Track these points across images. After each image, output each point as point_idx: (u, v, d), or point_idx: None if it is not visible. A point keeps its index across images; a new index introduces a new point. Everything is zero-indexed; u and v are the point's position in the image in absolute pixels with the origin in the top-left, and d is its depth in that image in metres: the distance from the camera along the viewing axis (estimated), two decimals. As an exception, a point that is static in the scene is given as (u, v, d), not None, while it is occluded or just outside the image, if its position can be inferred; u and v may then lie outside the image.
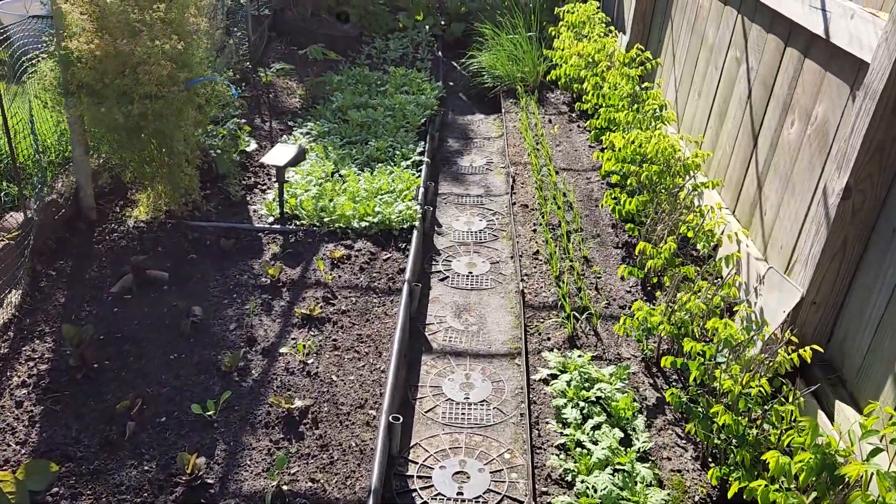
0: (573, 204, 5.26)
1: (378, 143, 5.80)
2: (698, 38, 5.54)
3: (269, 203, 4.92)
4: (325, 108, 6.49)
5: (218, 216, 4.85)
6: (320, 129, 6.03)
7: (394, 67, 7.56)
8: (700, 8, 5.54)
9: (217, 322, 3.83)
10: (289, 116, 6.51)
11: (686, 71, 5.73)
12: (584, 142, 6.38)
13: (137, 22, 3.91)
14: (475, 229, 5.22)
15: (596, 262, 4.57)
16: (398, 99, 6.63)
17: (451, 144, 6.73)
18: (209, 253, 4.43)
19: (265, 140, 5.95)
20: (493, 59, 7.67)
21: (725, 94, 4.90)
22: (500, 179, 6.00)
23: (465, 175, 6.11)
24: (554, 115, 7.03)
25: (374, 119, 6.26)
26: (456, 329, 4.14)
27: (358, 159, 5.62)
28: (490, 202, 5.62)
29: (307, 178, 5.14)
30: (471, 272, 4.69)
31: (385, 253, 4.59)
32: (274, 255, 4.47)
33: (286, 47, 8.24)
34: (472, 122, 7.29)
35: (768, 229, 4.10)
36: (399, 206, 4.82)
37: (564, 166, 5.91)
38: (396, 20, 9.36)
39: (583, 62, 6.75)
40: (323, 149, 5.67)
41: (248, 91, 6.81)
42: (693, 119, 5.46)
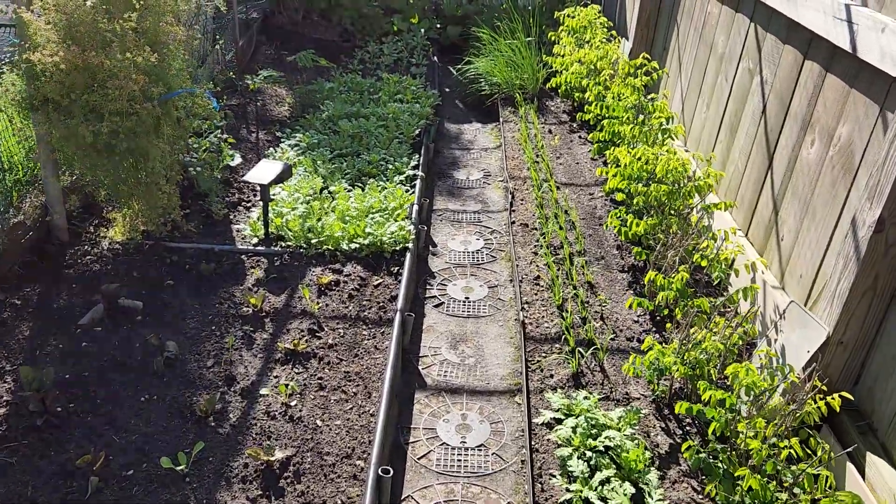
0: (575, 223, 4.98)
1: (370, 157, 5.51)
2: (707, 47, 5.27)
3: (254, 222, 4.63)
4: (314, 118, 6.20)
5: (199, 236, 4.56)
6: (309, 141, 5.74)
7: (387, 74, 7.27)
8: (709, 15, 5.27)
9: (193, 358, 3.54)
10: (277, 126, 6.22)
11: (694, 80, 5.45)
12: (585, 154, 6.10)
13: (108, 32, 3.62)
14: (472, 249, 4.94)
15: (601, 287, 4.29)
16: (391, 108, 6.34)
17: (447, 156, 6.45)
18: (188, 279, 4.14)
19: (251, 152, 5.66)
20: (491, 65, 7.39)
21: (737, 107, 4.63)
22: (498, 194, 5.72)
23: (462, 189, 5.82)
24: (554, 124, 6.75)
25: (367, 130, 5.97)
26: (451, 362, 3.86)
27: (349, 174, 5.33)
28: (488, 219, 5.33)
29: (294, 196, 4.85)
30: (467, 297, 4.41)
31: (376, 278, 4.30)
32: (257, 280, 4.18)
33: (276, 52, 7.94)
34: (468, 132, 7.00)
35: (786, 255, 3.83)
36: (391, 227, 4.54)
37: (566, 180, 5.64)
38: (391, 23, 9.08)
39: (584, 70, 6.48)
40: (312, 162, 5.38)
41: (235, 99, 6.52)
42: (701, 132, 5.19)
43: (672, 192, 4.18)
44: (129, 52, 3.56)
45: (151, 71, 3.73)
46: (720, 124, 4.90)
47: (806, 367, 3.14)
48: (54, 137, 3.73)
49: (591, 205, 5.26)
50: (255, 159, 5.53)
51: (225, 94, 6.52)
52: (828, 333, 3.08)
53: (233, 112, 6.30)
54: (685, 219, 4.20)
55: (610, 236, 4.83)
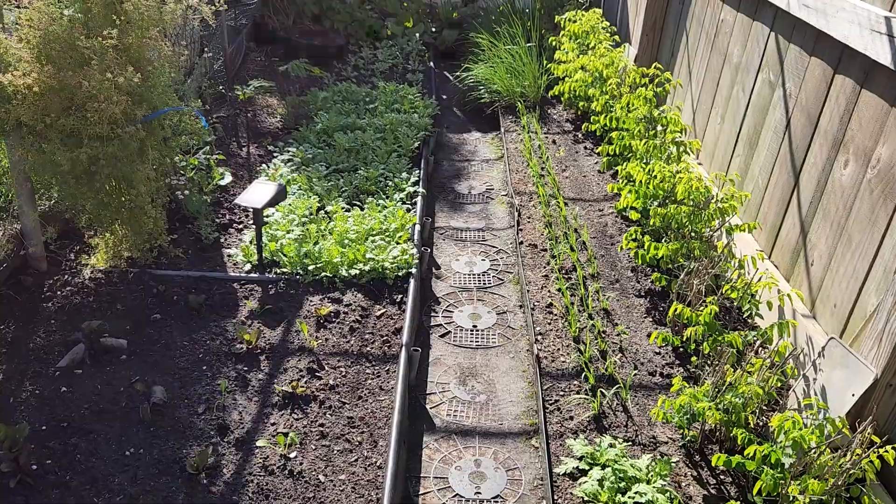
0: (586, 242, 4.72)
1: (368, 172, 5.23)
2: (720, 55, 5.02)
3: (246, 247, 4.35)
4: (308, 131, 5.91)
5: (188, 263, 4.27)
6: (303, 156, 5.45)
7: (383, 83, 6.99)
8: (722, 22, 5.02)
9: (183, 403, 3.26)
10: (269, 139, 5.93)
11: (706, 90, 5.20)
12: (592, 166, 5.85)
13: (86, 49, 3.32)
14: (478, 271, 4.67)
15: (618, 315, 4.04)
16: (389, 119, 6.07)
17: (448, 168, 6.18)
18: (176, 311, 3.86)
19: (242, 169, 5.37)
20: (490, 72, 7.12)
21: (757, 121, 4.38)
22: (503, 209, 5.46)
23: (464, 205, 5.56)
24: (558, 134, 6.49)
25: (364, 143, 5.70)
26: (461, 400, 3.60)
27: (346, 191, 5.05)
28: (493, 237, 5.07)
29: (289, 217, 4.57)
30: (475, 325, 4.15)
31: (378, 307, 4.03)
32: (251, 312, 3.90)
33: (267, 59, 7.65)
34: (468, 142, 6.73)
35: (816, 282, 3.59)
36: (393, 251, 4.27)
37: (573, 195, 5.38)
38: (385, 27, 8.79)
39: (589, 77, 6.22)
40: (307, 179, 5.10)
41: (225, 110, 6.22)
42: (715, 145, 4.95)
43: (694, 213, 3.92)
44: (108, 72, 3.27)
45: (134, 91, 3.44)
46: (737, 138, 4.65)
47: (851, 411, 2.90)
48: (29, 164, 3.44)
49: (602, 222, 5.01)
50: (246, 177, 5.24)
51: (214, 105, 6.22)
52: (875, 376, 2.83)
53: (222, 125, 6.01)
54: (707, 242, 3.95)
55: (624, 257, 4.58)
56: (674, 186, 4.23)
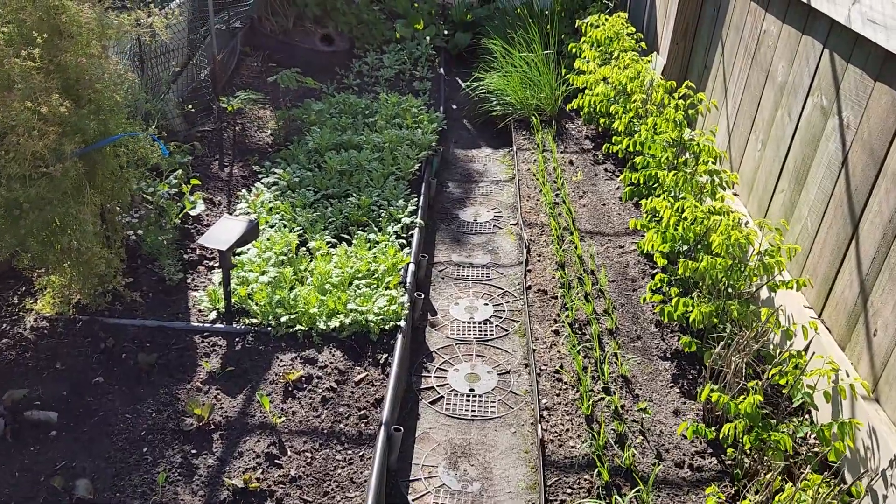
0: (604, 288, 4.12)
1: (360, 199, 4.67)
2: (761, 72, 4.38)
3: (213, 291, 3.80)
4: (298, 149, 5.36)
5: (146, 309, 3.74)
6: (290, 179, 4.90)
7: (384, 94, 6.40)
8: (764, 34, 4.38)
9: (113, 499, 2.73)
10: (256, 157, 5.38)
11: (745, 110, 4.57)
12: (613, 192, 5.23)
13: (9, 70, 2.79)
14: (479, 318, 4.10)
15: (639, 383, 3.44)
16: (389, 136, 5.49)
17: (453, 191, 5.59)
18: (123, 372, 3.33)
19: (221, 192, 4.83)
20: (503, 82, 6.52)
21: (805, 153, 3.75)
22: (511, 242, 4.87)
23: (468, 235, 4.98)
24: (575, 153, 5.88)
25: (358, 164, 5.13)
26: (450, 489, 3.03)
27: (333, 222, 4.49)
28: (498, 276, 4.49)
29: (265, 255, 4.02)
30: (472, 390, 3.57)
31: (358, 369, 3.47)
32: (210, 374, 3.36)
33: (263, 64, 7.11)
34: (477, 160, 6.14)
35: (880, 357, 2.97)
36: (379, 301, 3.70)
37: (591, 228, 4.77)
38: (392, 30, 8.21)
39: (611, 91, 5.60)
40: (290, 208, 4.54)
41: (210, 123, 5.69)
42: (755, 175, 4.31)
43: (732, 269, 3.31)
44: (29, 100, 2.73)
45: (67, 120, 2.90)
46: (781, 169, 4.02)
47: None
48: (-56, 205, 2.92)
49: (622, 262, 4.40)
50: (224, 203, 4.70)
51: (199, 118, 5.69)
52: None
53: (206, 139, 5.48)
54: (747, 301, 3.34)
55: (647, 307, 3.97)
56: (707, 230, 3.62)
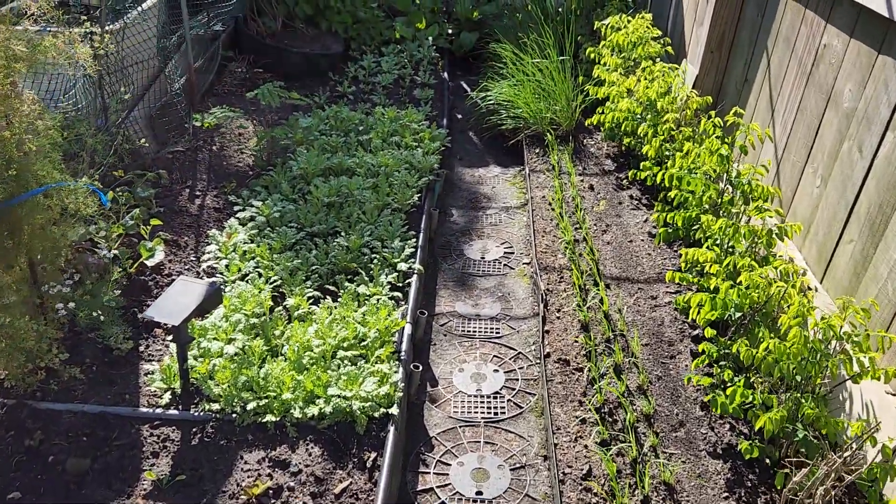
0: (636, 354, 3.47)
1: (350, 240, 4.01)
2: (821, 94, 3.70)
3: (169, 367, 3.16)
4: (281, 174, 4.70)
5: (87, 388, 3.11)
6: (269, 213, 4.24)
7: (381, 107, 5.71)
8: (824, 48, 3.69)
9: None
10: (234, 183, 4.72)
11: (798, 137, 3.88)
12: (640, 225, 4.56)
13: None
14: (487, 390, 3.45)
15: (684, 491, 2.79)
16: (384, 158, 4.83)
17: (458, 220, 4.93)
18: (49, 482, 2.69)
19: (189, 231, 4.17)
20: (514, 92, 5.83)
21: (884, 200, 3.07)
22: (524, 287, 4.21)
23: (475, 277, 4.32)
24: (595, 175, 5.20)
25: (349, 193, 4.47)
26: None
27: (317, 271, 3.84)
28: (510, 332, 3.84)
29: (234, 317, 3.37)
30: (479, 493, 2.93)
31: (340, 474, 2.82)
32: (155, 483, 2.72)
33: (248, 70, 6.43)
34: (485, 181, 5.47)
35: None
36: (368, 384, 3.05)
37: (617, 272, 4.11)
38: (392, 29, 7.52)
39: (637, 106, 4.91)
40: (268, 252, 3.89)
41: (184, 143, 5.02)
42: (813, 216, 3.63)
43: (809, 363, 2.64)
44: None
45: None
46: (848, 214, 3.34)
47: None
48: None
49: (656, 318, 3.74)
50: (192, 245, 4.05)
51: (172, 137, 5.03)
52: None
53: (179, 162, 4.82)
54: (824, 400, 2.68)
55: (690, 381, 3.32)
56: (768, 299, 2.96)
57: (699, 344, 3.52)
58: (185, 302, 2.97)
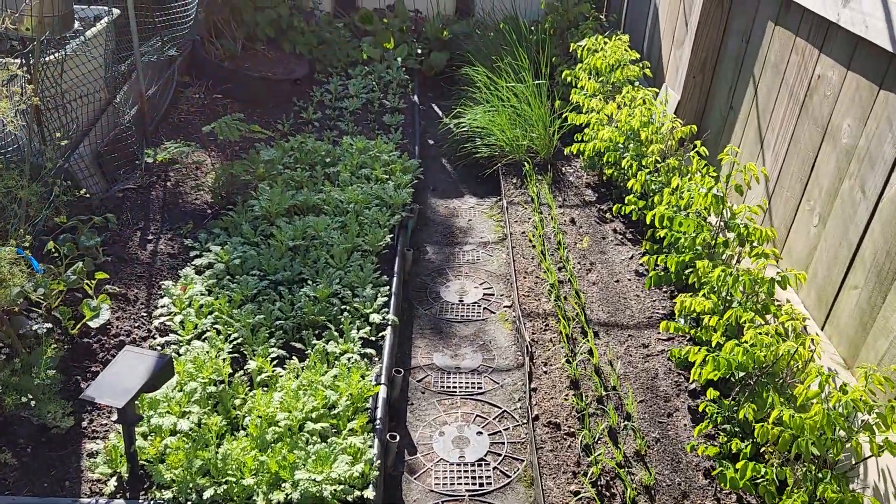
0: (631, 413, 3.20)
1: (317, 289, 3.69)
2: (816, 127, 3.49)
3: (115, 447, 2.81)
4: (242, 214, 4.36)
5: (20, 474, 2.74)
6: (229, 259, 3.91)
7: (349, 138, 5.39)
8: (819, 80, 3.49)
9: None
10: (190, 224, 4.37)
11: (792, 171, 3.67)
12: (626, 262, 4.32)
13: None
14: (472, 457, 3.16)
15: (694, 579, 2.53)
16: (353, 194, 4.52)
17: (432, 257, 4.64)
18: None
19: (139, 283, 3.81)
20: (488, 118, 5.57)
21: (891, 244, 2.85)
22: (506, 334, 3.94)
23: (453, 323, 4.03)
24: (576, 206, 4.96)
25: (316, 235, 4.16)
26: None
27: (282, 325, 3.51)
28: (493, 387, 3.55)
29: (189, 386, 3.03)
30: (467, 583, 2.64)
31: (311, 573, 2.50)
32: None
33: (206, 96, 6.07)
34: (461, 213, 5.19)
35: None
36: (341, 464, 2.72)
37: (605, 317, 3.85)
38: (359, 49, 7.22)
39: (619, 135, 4.68)
40: (227, 305, 3.55)
41: (136, 179, 4.66)
42: (811, 258, 3.41)
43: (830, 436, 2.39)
44: None
45: None
46: (852, 259, 3.12)
47: None
48: None
49: (650, 369, 3.48)
50: (143, 298, 3.69)
51: (122, 171, 4.66)
52: None
53: (130, 201, 4.45)
54: (845, 478, 2.44)
55: (686, 437, 3.06)
56: (776, 360, 2.72)
57: (697, 399, 3.28)
58: (131, 378, 2.63)
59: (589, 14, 6.74)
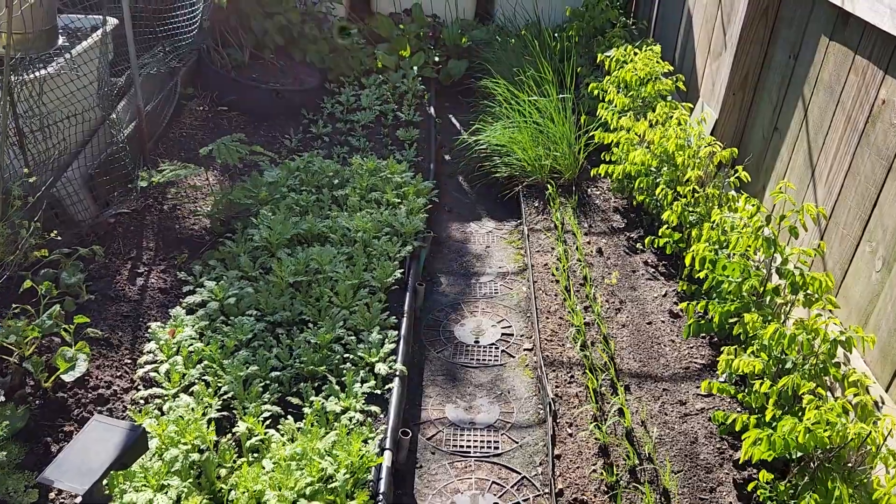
0: (670, 490, 2.82)
1: (318, 335, 3.34)
2: (880, 159, 3.07)
3: (82, 527, 2.49)
4: (241, 244, 4.03)
5: (-23, 558, 2.43)
6: (223, 296, 3.57)
7: (359, 157, 5.04)
8: (884, 106, 3.07)
9: None
10: (185, 255, 4.05)
11: (847, 206, 3.25)
12: (659, 301, 3.93)
13: None
14: (487, 535, 2.80)
15: None
16: (362, 221, 4.17)
17: (446, 289, 4.28)
18: None
19: (126, 323, 3.49)
20: (507, 136, 5.19)
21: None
22: (526, 383, 3.57)
23: (468, 369, 3.67)
24: (603, 234, 4.57)
25: (320, 268, 3.81)
26: None
27: (279, 377, 3.17)
28: (511, 447, 3.19)
29: (169, 454, 2.69)
30: None
31: None
32: None
33: (211, 108, 5.76)
34: (477, 239, 4.83)
35: None
36: (334, 556, 2.38)
37: (637, 366, 3.47)
38: (373, 57, 6.87)
39: (653, 159, 4.29)
40: (218, 352, 3.22)
41: (131, 202, 4.34)
42: (873, 307, 2.99)
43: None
44: None
45: None
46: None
47: None
48: None
49: (688, 432, 3.10)
50: (127, 342, 3.37)
51: (116, 194, 4.35)
52: None
53: (123, 227, 4.14)
54: None
55: (735, 528, 2.68)
56: (844, 444, 2.33)
57: (744, 471, 2.89)
58: (98, 455, 2.30)
59: (617, 21, 6.33)
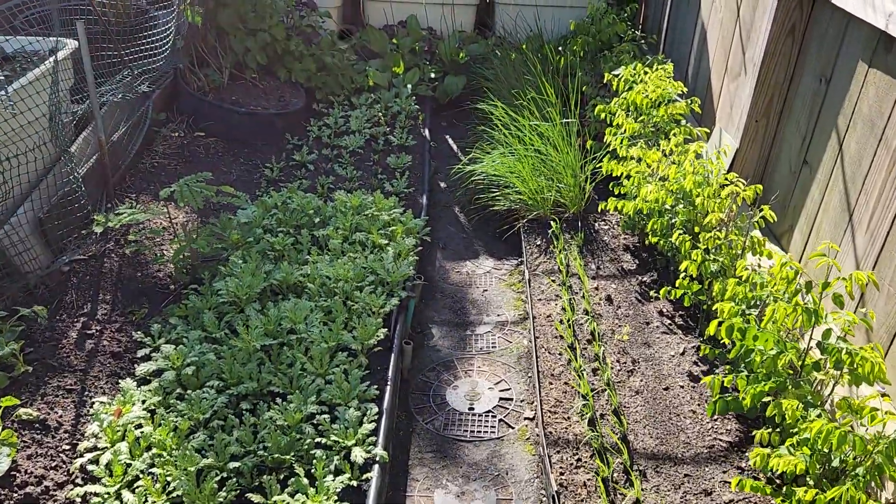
0: None
1: (286, 414, 2.90)
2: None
3: None
4: (206, 298, 3.59)
5: None
6: (181, 363, 3.14)
7: (343, 193, 4.58)
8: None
9: None
10: (145, 309, 3.62)
11: (893, 259, 2.81)
12: (676, 360, 3.47)
13: None
14: None
15: None
16: (343, 269, 3.73)
17: (437, 343, 3.84)
18: None
19: (69, 398, 3.05)
20: (508, 166, 4.74)
21: None
22: (527, 460, 3.12)
23: (461, 444, 3.22)
24: (613, 277, 4.12)
25: (294, 326, 3.38)
26: None
27: (239, 467, 2.73)
28: (509, 548, 2.75)
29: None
30: None
31: None
32: None
33: (187, 134, 5.33)
34: (473, 280, 4.38)
35: None
36: None
37: (654, 443, 3.02)
38: (364, 74, 6.44)
39: (668, 196, 3.84)
40: (171, 433, 2.78)
41: (91, 244, 3.91)
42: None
43: None
44: None
45: None
46: None
47: None
48: None
49: (715, 531, 2.65)
50: (68, 423, 2.93)
51: (73, 239, 3.92)
52: None
53: (78, 275, 3.72)
54: None
55: None
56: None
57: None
58: None
59: (625, 35, 5.89)
